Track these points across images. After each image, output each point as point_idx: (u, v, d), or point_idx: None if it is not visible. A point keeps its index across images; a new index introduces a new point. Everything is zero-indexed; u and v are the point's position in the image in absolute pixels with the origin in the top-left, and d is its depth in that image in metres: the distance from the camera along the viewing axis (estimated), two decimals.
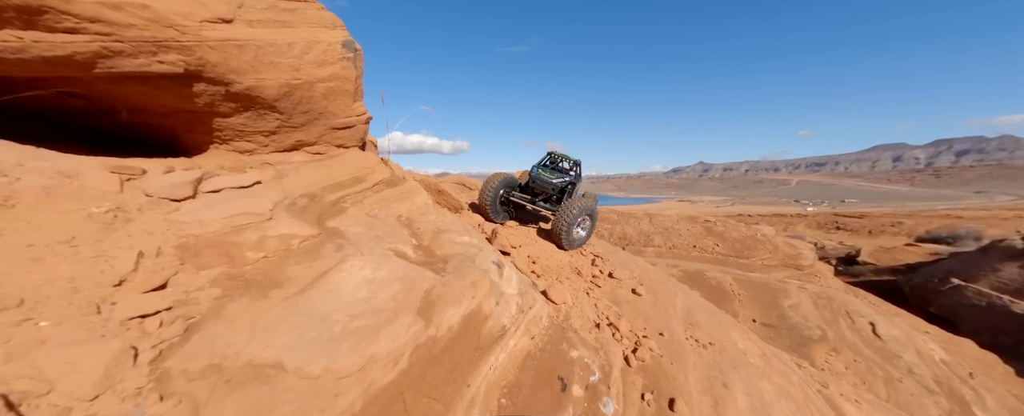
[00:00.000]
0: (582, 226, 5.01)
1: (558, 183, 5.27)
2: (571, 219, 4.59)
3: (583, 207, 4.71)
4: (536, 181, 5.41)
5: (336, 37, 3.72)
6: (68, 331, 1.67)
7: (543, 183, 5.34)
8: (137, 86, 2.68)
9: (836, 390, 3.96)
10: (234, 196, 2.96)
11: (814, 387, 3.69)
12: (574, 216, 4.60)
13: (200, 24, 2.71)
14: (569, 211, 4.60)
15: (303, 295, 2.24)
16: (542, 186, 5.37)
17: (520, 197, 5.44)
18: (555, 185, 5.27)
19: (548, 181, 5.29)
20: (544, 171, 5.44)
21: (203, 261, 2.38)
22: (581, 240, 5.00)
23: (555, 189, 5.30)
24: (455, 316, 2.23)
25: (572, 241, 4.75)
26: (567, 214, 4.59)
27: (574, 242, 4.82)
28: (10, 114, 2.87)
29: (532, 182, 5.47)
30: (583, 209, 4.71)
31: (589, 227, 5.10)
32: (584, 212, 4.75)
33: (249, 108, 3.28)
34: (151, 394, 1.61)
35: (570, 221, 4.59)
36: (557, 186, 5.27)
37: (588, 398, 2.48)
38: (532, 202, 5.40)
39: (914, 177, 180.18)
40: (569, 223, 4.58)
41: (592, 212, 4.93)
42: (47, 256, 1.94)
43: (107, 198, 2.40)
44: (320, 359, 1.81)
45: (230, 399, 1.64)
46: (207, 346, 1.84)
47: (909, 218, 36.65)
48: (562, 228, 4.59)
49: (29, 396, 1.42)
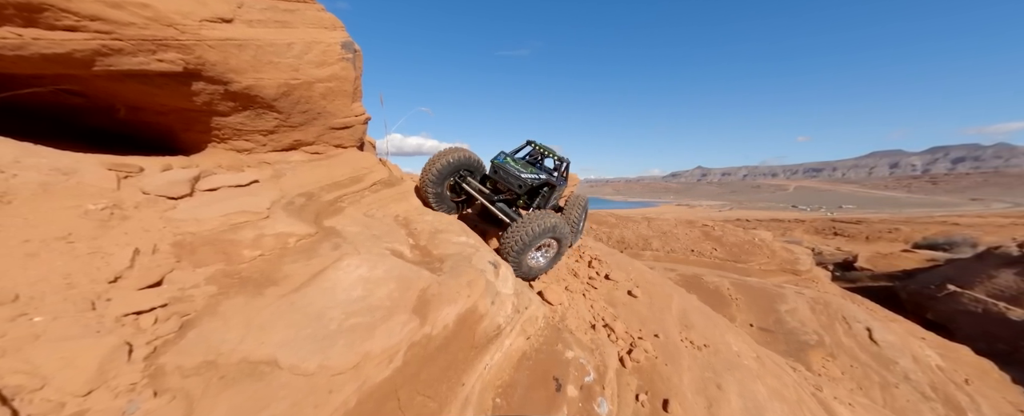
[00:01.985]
0: (544, 252, 3.54)
1: (528, 179, 3.70)
2: (527, 239, 3.18)
3: (549, 227, 3.28)
4: (498, 172, 3.84)
5: (336, 38, 3.75)
6: (63, 327, 1.68)
7: (507, 176, 3.76)
8: (136, 84, 2.70)
9: (830, 393, 3.97)
10: (231, 195, 2.97)
11: (808, 390, 3.70)
12: (533, 235, 3.19)
13: (200, 23, 2.74)
14: (527, 228, 3.20)
15: (299, 293, 2.24)
16: (506, 180, 3.78)
17: (476, 189, 3.92)
18: (524, 182, 3.70)
19: (515, 175, 3.71)
20: (514, 162, 3.87)
21: (199, 259, 2.38)
22: (537, 270, 3.55)
23: (523, 187, 3.72)
24: (450, 315, 2.24)
25: (522, 269, 3.36)
26: (523, 232, 3.19)
27: (525, 272, 3.42)
28: (9, 112, 2.88)
29: (494, 173, 3.91)
30: (549, 229, 3.29)
31: (553, 256, 3.61)
32: (549, 233, 3.31)
33: (248, 107, 3.29)
34: (145, 390, 1.61)
35: (525, 241, 3.18)
36: (526, 184, 3.70)
37: (583, 398, 2.48)
38: (490, 200, 3.80)
39: (911, 184, 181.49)
40: (522, 244, 3.18)
41: (560, 234, 3.43)
42: (43, 252, 1.94)
43: (104, 195, 2.41)
44: (315, 356, 1.81)
45: (224, 395, 1.64)
46: (202, 343, 1.85)
47: (906, 224, 36.89)
48: (511, 249, 3.20)
49: (22, 391, 1.43)
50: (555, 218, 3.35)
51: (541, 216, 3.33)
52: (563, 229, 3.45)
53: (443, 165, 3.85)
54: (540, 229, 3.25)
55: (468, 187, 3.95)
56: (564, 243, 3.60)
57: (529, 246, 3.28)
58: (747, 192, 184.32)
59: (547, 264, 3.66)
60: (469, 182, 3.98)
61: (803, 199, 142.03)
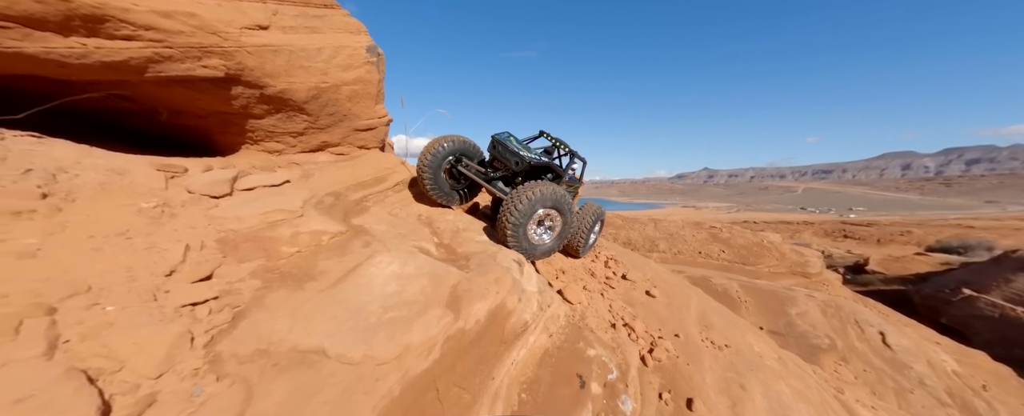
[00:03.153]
0: (547, 228, 3.31)
1: (528, 157, 3.47)
2: (523, 206, 2.95)
3: (548, 193, 3.02)
4: (496, 148, 3.62)
5: (361, 42, 3.89)
6: (131, 315, 1.81)
7: (505, 152, 3.55)
8: (181, 89, 2.85)
9: (851, 396, 3.97)
10: (267, 194, 3.10)
11: (830, 392, 3.71)
12: (531, 201, 2.96)
13: (240, 31, 2.88)
14: (524, 194, 2.97)
15: (337, 288, 2.36)
16: (503, 156, 3.57)
17: (474, 171, 3.71)
18: (521, 159, 3.46)
19: (513, 151, 3.49)
20: (517, 142, 3.70)
21: (243, 254, 2.52)
22: (542, 249, 3.31)
23: (520, 164, 3.48)
24: (482, 310, 2.33)
25: (523, 245, 3.13)
26: (519, 199, 2.96)
27: (528, 248, 3.18)
28: (61, 115, 3.05)
29: (492, 148, 3.68)
30: (548, 196, 3.03)
31: (558, 232, 3.36)
32: (548, 201, 3.06)
33: (280, 110, 3.43)
34: (208, 375, 1.73)
35: (521, 210, 2.94)
36: (524, 160, 3.46)
37: (606, 395, 2.56)
38: (488, 180, 3.62)
39: (924, 186, 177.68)
40: (519, 213, 2.95)
41: (563, 206, 3.19)
42: (106, 247, 2.08)
43: (154, 194, 2.55)
44: (359, 347, 1.92)
45: (279, 381, 1.75)
46: (254, 332, 1.97)
47: (919, 227, 36.19)
48: (508, 220, 2.98)
49: (104, 372, 1.55)
50: (556, 187, 3.10)
51: (538, 183, 3.06)
52: (566, 200, 3.21)
53: (438, 151, 3.65)
54: (537, 195, 2.98)
55: (465, 170, 3.74)
56: (568, 217, 3.34)
57: (527, 215, 3.00)
58: (754, 194, 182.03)
59: (552, 242, 3.37)
60: (467, 164, 3.78)
61: (812, 201, 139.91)
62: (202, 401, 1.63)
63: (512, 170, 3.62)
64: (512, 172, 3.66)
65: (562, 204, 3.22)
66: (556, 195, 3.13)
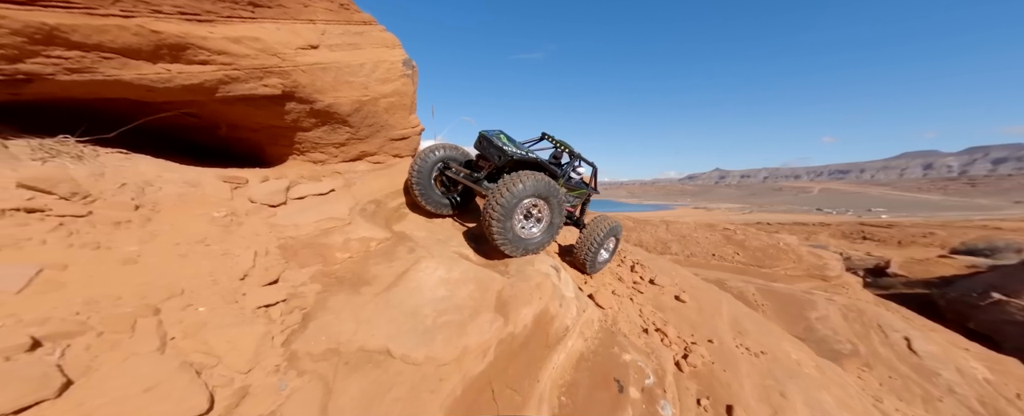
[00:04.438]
0: (535, 220, 3.12)
1: (512, 152, 3.16)
2: (507, 197, 2.73)
3: (531, 183, 2.82)
4: (482, 143, 3.35)
5: (397, 56, 4.08)
6: (220, 316, 2.00)
7: (490, 147, 3.27)
8: (242, 106, 3.07)
9: (891, 405, 3.92)
10: (316, 202, 3.31)
11: (869, 400, 3.69)
12: (514, 195, 2.74)
13: (296, 51, 3.09)
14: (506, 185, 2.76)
15: (390, 292, 2.52)
16: (487, 152, 3.31)
17: (461, 174, 3.50)
18: (505, 154, 3.15)
19: (498, 146, 3.20)
20: (507, 139, 3.39)
21: (302, 260, 2.71)
22: (534, 243, 3.12)
23: (503, 159, 3.19)
24: (528, 315, 2.47)
25: (511, 239, 2.93)
26: (501, 191, 2.76)
27: (520, 246, 3.01)
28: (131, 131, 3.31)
29: (478, 144, 3.41)
30: (531, 185, 2.82)
31: (546, 224, 3.17)
32: (531, 191, 2.84)
33: (326, 123, 3.64)
34: (289, 371, 1.91)
35: (504, 204, 2.73)
36: (507, 156, 3.15)
37: (645, 400, 2.65)
38: (475, 181, 3.39)
39: (947, 186, 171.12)
40: (503, 207, 2.74)
41: (547, 193, 2.97)
42: (190, 253, 2.29)
43: (223, 204, 2.77)
44: (421, 348, 2.07)
45: (353, 378, 1.92)
46: (323, 333, 2.14)
47: (942, 229, 34.96)
48: (492, 215, 2.76)
49: (205, 367, 1.74)
50: (540, 175, 2.91)
51: (520, 173, 2.85)
52: (554, 189, 2.98)
53: (427, 159, 3.50)
54: (519, 186, 2.73)
55: (453, 175, 3.53)
56: (556, 208, 3.13)
57: (510, 207, 2.75)
58: (768, 195, 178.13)
59: (542, 235, 3.17)
60: (454, 169, 3.57)
61: (828, 202, 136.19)
62: (288, 395, 1.80)
63: (496, 166, 3.36)
64: (496, 168, 3.41)
65: (549, 193, 2.99)
66: (540, 184, 2.88)
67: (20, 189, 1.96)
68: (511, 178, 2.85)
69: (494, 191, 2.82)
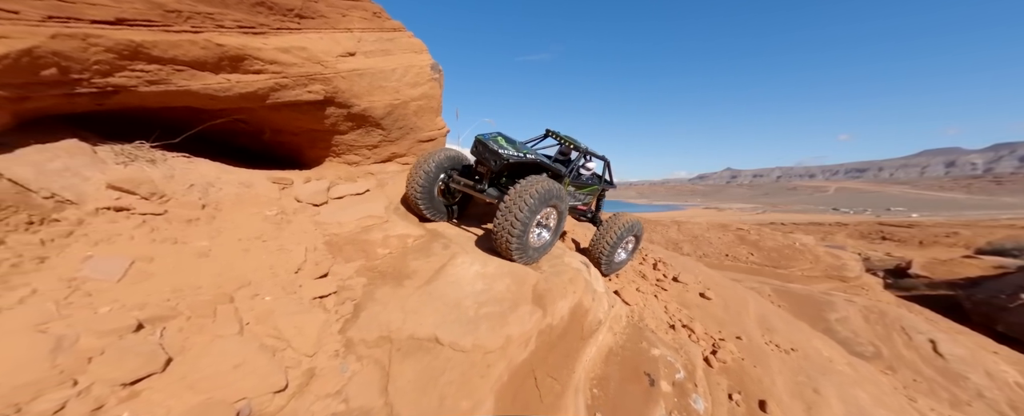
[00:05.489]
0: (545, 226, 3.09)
1: (506, 155, 3.05)
2: (525, 216, 2.66)
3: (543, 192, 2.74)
4: (478, 149, 3.20)
5: (425, 61, 4.26)
6: (284, 304, 2.17)
7: (485, 151, 3.14)
8: (287, 111, 3.27)
9: (926, 405, 3.86)
10: (355, 202, 3.49)
11: (904, 399, 3.67)
12: (530, 206, 2.66)
13: (336, 59, 3.28)
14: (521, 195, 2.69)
15: (431, 285, 2.66)
16: (482, 156, 3.18)
17: (463, 184, 3.40)
18: (499, 157, 3.05)
19: (494, 150, 3.07)
20: (506, 141, 3.24)
21: (346, 255, 2.88)
22: (543, 249, 3.10)
23: (498, 163, 3.10)
24: (565, 308, 2.58)
25: (528, 253, 2.91)
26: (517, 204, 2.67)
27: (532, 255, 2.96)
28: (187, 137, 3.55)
29: (474, 150, 3.26)
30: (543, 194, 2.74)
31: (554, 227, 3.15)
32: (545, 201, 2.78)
33: (361, 126, 3.83)
34: (347, 355, 2.06)
35: (521, 218, 2.66)
36: (502, 159, 3.06)
37: (677, 394, 2.73)
38: (477, 190, 3.30)
39: (971, 184, 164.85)
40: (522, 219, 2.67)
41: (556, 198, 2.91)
42: (251, 248, 2.47)
43: (273, 203, 2.96)
44: (467, 336, 2.20)
45: (407, 363, 2.06)
46: (374, 322, 2.29)
47: (967, 228, 33.77)
48: (508, 232, 2.70)
49: (277, 349, 1.91)
50: (543, 179, 2.84)
51: (525, 185, 2.75)
52: (559, 193, 2.92)
53: (429, 166, 3.35)
54: (531, 201, 2.65)
55: (456, 186, 3.43)
56: (563, 212, 3.12)
57: (526, 225, 2.70)
58: (782, 194, 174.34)
59: (551, 238, 3.15)
60: (456, 179, 3.45)
61: (845, 201, 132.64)
62: (349, 376, 1.96)
63: (492, 170, 3.23)
64: (494, 173, 3.29)
65: (557, 199, 2.94)
66: (548, 190, 2.81)
67: (109, 190, 2.17)
68: (519, 194, 2.74)
69: (507, 209, 2.74)
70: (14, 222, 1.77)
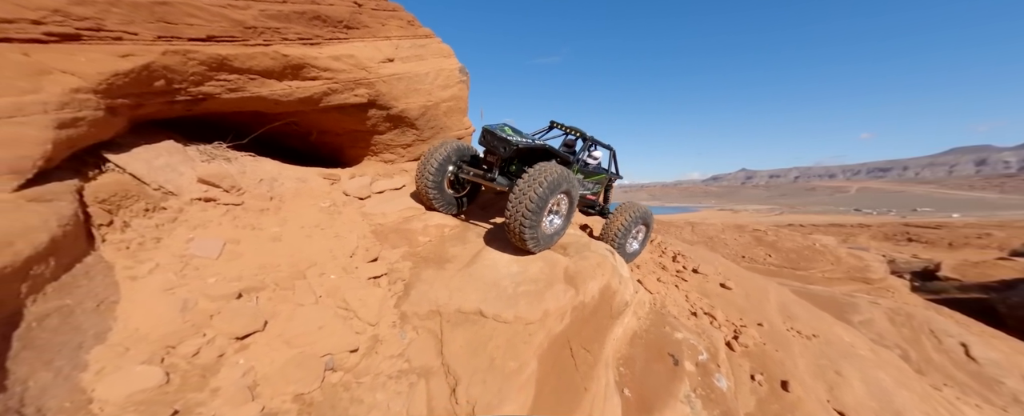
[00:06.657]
0: (557, 213, 3.08)
1: (516, 142, 3.12)
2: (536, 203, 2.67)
3: (554, 179, 2.76)
4: (485, 137, 3.27)
5: (453, 64, 4.56)
6: (346, 282, 2.45)
7: (494, 140, 3.19)
8: (336, 114, 3.60)
9: (951, 394, 3.86)
10: (394, 196, 3.79)
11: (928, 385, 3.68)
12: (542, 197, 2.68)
13: (379, 64, 3.61)
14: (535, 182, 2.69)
15: (470, 268, 2.91)
16: (490, 145, 3.24)
17: (472, 174, 3.44)
18: (508, 144, 3.12)
19: (502, 138, 3.13)
20: (512, 130, 3.31)
21: (392, 242, 3.16)
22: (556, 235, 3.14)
23: (508, 150, 3.15)
24: (595, 288, 2.79)
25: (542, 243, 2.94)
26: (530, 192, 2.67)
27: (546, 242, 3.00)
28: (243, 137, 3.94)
29: (482, 139, 3.32)
30: (555, 181, 2.76)
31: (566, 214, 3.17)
32: (558, 188, 2.80)
33: (398, 126, 4.15)
34: (404, 326, 2.32)
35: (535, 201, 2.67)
36: (511, 145, 3.11)
37: (700, 373, 2.89)
38: (487, 179, 3.34)
39: (1004, 183, 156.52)
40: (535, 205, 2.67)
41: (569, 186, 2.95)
42: (313, 235, 2.78)
43: (326, 197, 3.28)
44: (509, 310, 2.44)
45: (457, 332, 2.30)
46: (424, 298, 2.55)
47: (1000, 229, 32.23)
48: (522, 219, 2.70)
49: (347, 318, 2.18)
50: (555, 166, 2.87)
51: (537, 171, 2.77)
52: (570, 180, 2.95)
53: (438, 158, 3.36)
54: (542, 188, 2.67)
55: (465, 175, 3.48)
56: (574, 198, 3.15)
57: (538, 212, 2.71)
58: (800, 195, 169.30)
59: (562, 222, 3.17)
60: (465, 170, 3.50)
61: (868, 202, 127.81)
62: (408, 342, 2.22)
63: (503, 158, 3.28)
64: (504, 161, 3.34)
65: (569, 184, 2.97)
66: (560, 175, 2.83)
67: (200, 183, 2.51)
68: (531, 181, 2.75)
69: (518, 197, 2.74)
70: (136, 209, 2.11)
